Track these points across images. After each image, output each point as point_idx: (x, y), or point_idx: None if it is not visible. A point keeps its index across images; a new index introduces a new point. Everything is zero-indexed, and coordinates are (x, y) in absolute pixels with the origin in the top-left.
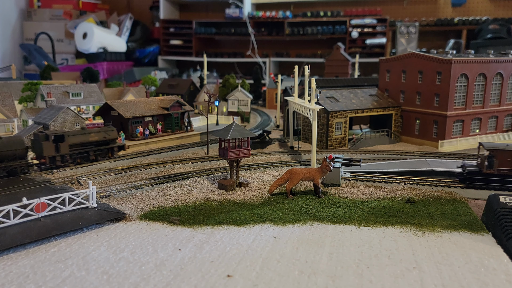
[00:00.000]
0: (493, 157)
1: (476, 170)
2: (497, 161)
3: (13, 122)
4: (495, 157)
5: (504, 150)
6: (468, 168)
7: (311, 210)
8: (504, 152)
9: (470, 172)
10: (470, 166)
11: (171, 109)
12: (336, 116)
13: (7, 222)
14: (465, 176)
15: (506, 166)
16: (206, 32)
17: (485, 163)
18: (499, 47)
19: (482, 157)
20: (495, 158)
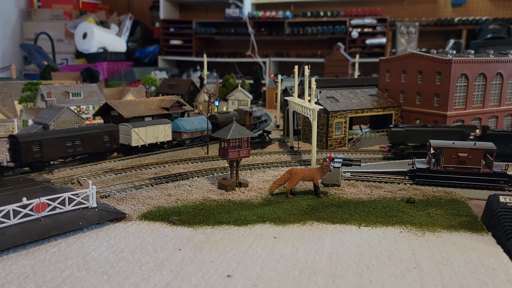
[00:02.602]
0: (439, 154)
1: (424, 167)
2: (443, 159)
3: (13, 122)
4: (441, 155)
5: (449, 148)
6: (417, 166)
7: (311, 210)
8: (449, 150)
9: (419, 169)
10: (420, 163)
11: (171, 109)
12: (336, 116)
13: (7, 222)
14: (414, 173)
15: (451, 163)
16: (206, 32)
17: (432, 161)
18: (499, 47)
19: (430, 154)
20: (441, 155)
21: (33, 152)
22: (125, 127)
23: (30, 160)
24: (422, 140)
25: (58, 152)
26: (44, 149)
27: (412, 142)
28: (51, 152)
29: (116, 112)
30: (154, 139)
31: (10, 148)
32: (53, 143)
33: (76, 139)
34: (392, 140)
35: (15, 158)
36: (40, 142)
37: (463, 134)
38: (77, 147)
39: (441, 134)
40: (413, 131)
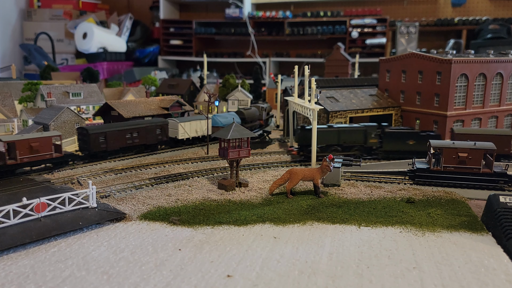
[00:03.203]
0: (439, 154)
1: (424, 167)
2: (443, 159)
3: (13, 122)
4: (441, 155)
5: (449, 148)
6: (417, 166)
7: (311, 210)
8: (449, 150)
9: (419, 169)
10: (420, 163)
11: (171, 109)
12: (336, 116)
13: (7, 222)
14: (414, 173)
15: (451, 163)
16: (206, 32)
17: (432, 161)
18: (499, 47)
19: (430, 154)
20: (441, 155)
21: (100, 143)
22: (173, 122)
23: (97, 149)
24: (328, 141)
25: (119, 143)
26: (108, 140)
27: (319, 143)
28: (114, 143)
29: (116, 112)
30: (196, 133)
31: (79, 139)
32: (115, 135)
33: (134, 132)
34: (300, 142)
35: (84, 147)
36: (105, 134)
37: (366, 133)
38: (135, 139)
39: (345, 134)
40: (320, 132)
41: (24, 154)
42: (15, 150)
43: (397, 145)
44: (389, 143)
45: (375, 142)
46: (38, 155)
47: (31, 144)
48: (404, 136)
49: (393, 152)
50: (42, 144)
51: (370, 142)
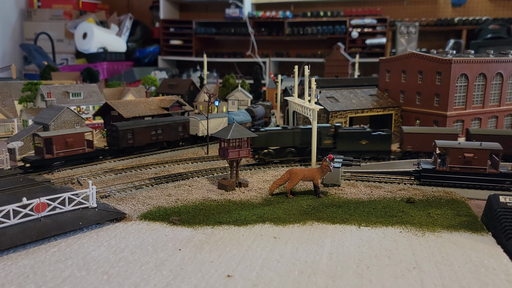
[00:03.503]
0: (445, 155)
1: (430, 167)
2: (449, 159)
3: (13, 122)
4: (447, 155)
5: (456, 148)
6: (422, 166)
7: (311, 210)
8: (456, 150)
9: (424, 169)
10: (425, 164)
11: (171, 109)
12: (336, 116)
13: (7, 222)
14: (420, 173)
15: (457, 164)
16: (206, 32)
17: (438, 161)
18: (499, 47)
19: (436, 155)
20: (447, 156)
21: (128, 138)
22: (194, 120)
23: (125, 145)
24: (283, 143)
25: (145, 139)
26: (135, 136)
27: (273, 146)
28: (140, 139)
29: (116, 112)
30: (215, 130)
31: (108, 135)
32: (142, 131)
33: (158, 129)
34: (255, 145)
35: (113, 143)
36: (133, 130)
37: (320, 134)
38: (159, 135)
39: (300, 135)
40: (274, 134)
41: (60, 149)
42: (52, 145)
43: (351, 145)
44: (342, 144)
45: (329, 143)
46: (72, 149)
47: (66, 140)
48: (357, 136)
49: (347, 152)
50: (76, 139)
51: (325, 143)
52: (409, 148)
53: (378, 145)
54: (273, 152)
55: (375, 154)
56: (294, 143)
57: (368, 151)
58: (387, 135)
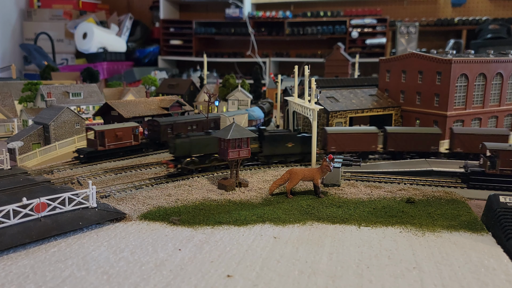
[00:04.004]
0: (495, 157)
1: (479, 170)
2: (499, 161)
3: (13, 122)
4: (497, 157)
5: (507, 150)
6: (470, 168)
7: (311, 210)
8: (507, 152)
9: (473, 172)
10: (472, 166)
11: (171, 109)
12: (336, 116)
13: (7, 222)
14: (468, 176)
15: (508, 166)
16: (206, 32)
17: (487, 164)
18: (499, 47)
19: (485, 157)
20: (498, 158)
21: (167, 133)
22: (222, 116)
23: (165, 139)
24: (207, 149)
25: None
26: (174, 131)
27: (197, 153)
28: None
29: (116, 112)
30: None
31: (149, 129)
32: (180, 126)
33: (193, 124)
34: (177, 153)
35: (154, 137)
36: (172, 126)
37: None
38: (195, 130)
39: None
40: (197, 140)
41: (111, 142)
42: (104, 138)
43: (277, 149)
44: (268, 147)
45: (255, 147)
46: (121, 142)
47: (117, 133)
48: (283, 139)
49: (273, 156)
50: (124, 133)
51: (251, 148)
52: (333, 149)
53: (305, 147)
54: (197, 160)
55: (301, 156)
56: None
57: (294, 154)
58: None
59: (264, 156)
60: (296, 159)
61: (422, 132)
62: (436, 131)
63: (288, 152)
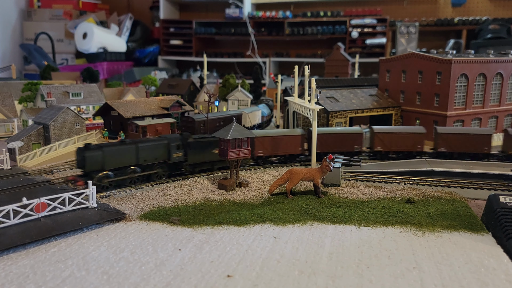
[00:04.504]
0: None
1: None
2: None
3: (13, 122)
4: None
5: None
6: None
7: (311, 210)
8: None
9: None
10: None
11: (171, 109)
12: (336, 116)
13: (7, 222)
14: None
15: None
16: (206, 32)
17: None
18: (499, 47)
19: None
20: None
21: (201, 128)
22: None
23: (198, 133)
24: (122, 162)
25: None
26: (206, 127)
27: (111, 166)
28: (210, 129)
29: (116, 112)
30: (254, 121)
31: (183, 125)
32: (210, 122)
33: (221, 121)
34: (87, 168)
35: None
36: (204, 122)
37: (169, 146)
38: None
39: (145, 150)
40: (110, 151)
41: (151, 135)
42: (147, 132)
43: (203, 156)
44: (194, 155)
45: (180, 155)
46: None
47: (157, 128)
48: (208, 145)
49: (199, 164)
50: (164, 127)
51: (175, 157)
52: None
53: None
54: (111, 175)
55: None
56: (138, 160)
57: (222, 160)
58: None
59: (189, 165)
60: (224, 166)
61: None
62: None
63: (216, 159)
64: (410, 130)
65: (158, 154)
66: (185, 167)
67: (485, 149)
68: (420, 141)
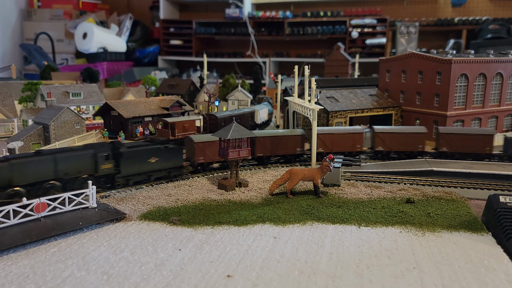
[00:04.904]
0: None
1: None
2: None
3: (13, 122)
4: None
5: None
6: None
7: (311, 210)
8: None
9: None
10: None
11: (171, 109)
12: (336, 116)
13: (7, 222)
14: None
15: None
16: (206, 32)
17: None
18: (499, 47)
19: None
20: None
21: (223, 125)
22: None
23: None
24: (38, 176)
25: None
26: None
27: (23, 181)
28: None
29: (116, 112)
30: (264, 118)
31: (209, 123)
32: (228, 119)
33: (238, 118)
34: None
35: (212, 130)
36: (225, 119)
37: (96, 157)
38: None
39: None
40: (23, 164)
41: (179, 132)
42: (175, 128)
43: (138, 166)
44: (129, 166)
45: (109, 167)
46: (188, 133)
47: (184, 125)
48: (145, 154)
49: (134, 176)
50: (190, 125)
51: (103, 169)
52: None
53: (173, 161)
54: (23, 192)
55: (167, 172)
56: (58, 174)
57: (160, 170)
58: (178, 148)
59: (123, 177)
60: (161, 176)
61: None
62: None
63: (152, 169)
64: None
65: (82, 166)
66: (119, 180)
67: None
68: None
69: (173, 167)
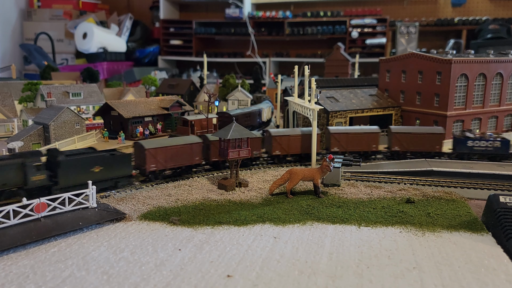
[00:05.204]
0: None
1: None
2: None
3: (13, 122)
4: None
5: None
6: None
7: (311, 210)
8: None
9: None
10: None
11: (171, 109)
12: (336, 116)
13: (7, 222)
14: None
15: None
16: (206, 32)
17: None
18: (499, 47)
19: None
20: None
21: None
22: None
23: None
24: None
25: (243, 122)
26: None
27: None
28: (241, 122)
29: (116, 112)
30: (268, 116)
31: (220, 120)
32: (240, 117)
33: (247, 116)
34: None
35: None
36: (237, 117)
37: (24, 168)
38: (248, 121)
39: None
40: None
41: (198, 129)
42: (195, 126)
43: (80, 177)
44: (68, 177)
45: (42, 178)
46: (204, 130)
47: (203, 123)
48: (87, 163)
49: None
50: (208, 123)
51: (34, 180)
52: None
53: (117, 169)
54: None
55: (113, 182)
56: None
57: (105, 180)
58: (126, 155)
59: (61, 189)
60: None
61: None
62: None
63: (96, 179)
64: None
65: (7, 178)
66: (56, 192)
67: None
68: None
69: (120, 177)
